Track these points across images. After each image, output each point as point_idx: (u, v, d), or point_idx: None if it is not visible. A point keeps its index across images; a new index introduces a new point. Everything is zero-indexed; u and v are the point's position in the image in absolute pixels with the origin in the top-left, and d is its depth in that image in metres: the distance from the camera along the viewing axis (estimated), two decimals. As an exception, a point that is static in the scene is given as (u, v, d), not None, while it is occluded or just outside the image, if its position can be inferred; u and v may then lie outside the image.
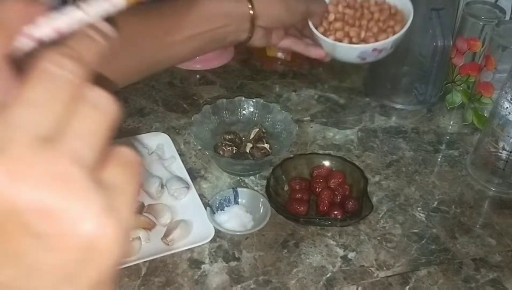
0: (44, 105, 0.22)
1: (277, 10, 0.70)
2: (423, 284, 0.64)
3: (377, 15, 0.74)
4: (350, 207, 0.71)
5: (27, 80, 0.22)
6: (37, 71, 0.22)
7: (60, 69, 0.22)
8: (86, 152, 0.22)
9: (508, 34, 0.79)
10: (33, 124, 0.21)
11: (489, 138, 0.76)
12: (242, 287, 0.63)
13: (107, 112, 0.23)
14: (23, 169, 0.21)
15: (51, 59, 0.22)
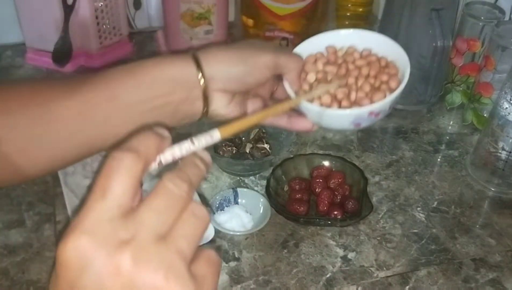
0: (163, 212, 0.31)
1: (233, 68, 0.53)
2: (423, 284, 0.64)
3: (365, 70, 0.56)
4: (350, 207, 0.71)
5: (153, 192, 0.31)
6: (160, 187, 0.32)
7: (177, 188, 0.32)
8: (187, 249, 0.31)
9: (508, 34, 0.79)
10: (154, 224, 0.30)
11: (489, 139, 0.76)
12: (242, 287, 0.63)
13: (203, 221, 0.33)
14: (144, 257, 0.29)
15: (171, 180, 0.32)
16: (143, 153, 0.32)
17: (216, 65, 0.53)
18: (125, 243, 0.29)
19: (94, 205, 0.30)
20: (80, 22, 0.94)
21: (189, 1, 0.93)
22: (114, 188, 0.30)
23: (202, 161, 0.35)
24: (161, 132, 0.35)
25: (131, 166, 0.31)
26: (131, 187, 0.31)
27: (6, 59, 1.00)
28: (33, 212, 0.70)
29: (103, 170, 0.31)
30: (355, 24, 1.12)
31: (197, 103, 0.54)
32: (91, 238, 0.29)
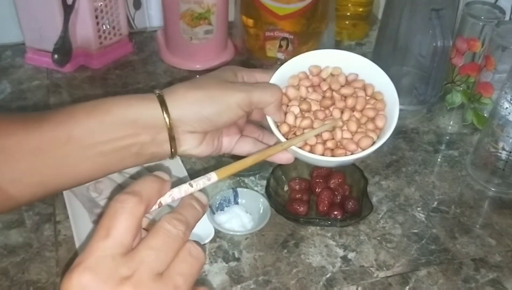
0: (161, 250, 0.34)
1: (202, 109, 0.49)
2: (423, 284, 0.64)
3: (351, 102, 0.53)
4: (350, 207, 0.71)
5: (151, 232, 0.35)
6: (159, 227, 0.35)
7: (174, 229, 0.35)
8: (183, 285, 0.34)
9: (508, 34, 0.79)
10: (153, 262, 0.33)
11: (489, 138, 0.76)
12: (242, 287, 0.63)
13: (199, 260, 0.36)
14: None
15: (169, 221, 0.35)
16: (145, 197, 0.35)
17: (184, 107, 0.49)
18: (126, 279, 0.32)
19: (98, 243, 0.33)
20: (80, 22, 0.94)
21: (189, 1, 0.92)
22: (117, 228, 0.33)
23: (198, 202, 0.38)
24: (162, 176, 0.38)
25: (133, 209, 0.34)
26: (133, 227, 0.34)
27: (6, 59, 1.00)
28: (33, 212, 0.70)
29: (107, 211, 0.34)
30: (355, 24, 1.12)
31: (164, 145, 0.50)
32: (94, 274, 0.32)
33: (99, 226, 0.34)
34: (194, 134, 0.51)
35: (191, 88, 0.50)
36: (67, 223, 0.68)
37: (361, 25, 1.13)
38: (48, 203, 0.71)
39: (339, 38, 1.11)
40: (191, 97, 0.50)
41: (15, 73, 0.97)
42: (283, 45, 0.99)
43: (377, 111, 0.54)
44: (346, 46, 1.10)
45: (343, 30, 1.12)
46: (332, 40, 1.05)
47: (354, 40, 1.12)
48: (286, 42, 0.98)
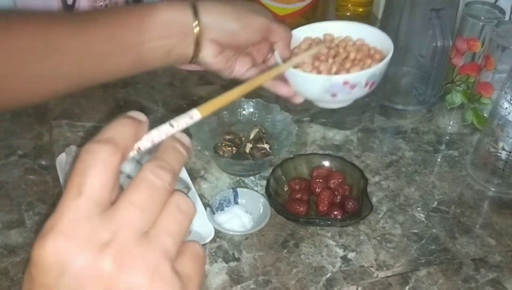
0: (145, 207, 0.28)
1: (227, 21, 0.59)
2: (423, 284, 0.64)
3: (353, 54, 0.64)
4: (350, 207, 0.71)
5: (132, 185, 0.29)
6: (141, 179, 0.29)
7: (159, 180, 0.29)
8: (171, 247, 0.29)
9: (508, 34, 0.79)
10: (136, 221, 0.28)
11: (489, 139, 0.76)
12: (242, 287, 0.63)
13: (188, 214, 0.30)
14: (126, 258, 0.27)
15: (152, 170, 0.29)
16: (120, 144, 0.30)
17: (212, 16, 0.58)
18: (106, 244, 0.27)
19: (70, 204, 0.28)
20: (80, 22, 0.94)
21: (189, 1, 0.92)
22: (91, 184, 0.28)
23: (182, 144, 0.33)
24: (138, 116, 0.33)
25: (107, 159, 0.29)
26: (108, 181, 0.29)
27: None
28: (33, 212, 0.70)
29: (77, 165, 0.29)
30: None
31: (190, 48, 0.58)
32: (69, 239, 0.27)
33: (69, 183, 0.28)
34: (215, 44, 0.59)
35: (222, 3, 0.60)
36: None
37: (361, 25, 1.13)
38: (48, 203, 0.71)
39: (339, 38, 1.11)
40: (220, 10, 0.59)
41: (15, 73, 0.97)
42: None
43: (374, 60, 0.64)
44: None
45: (343, 30, 1.11)
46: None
47: (354, 40, 1.12)
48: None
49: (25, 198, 0.72)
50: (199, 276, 0.30)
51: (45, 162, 0.78)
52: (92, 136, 0.31)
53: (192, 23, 0.57)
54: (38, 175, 0.76)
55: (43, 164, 0.78)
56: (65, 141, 0.81)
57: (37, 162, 0.78)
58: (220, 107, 0.39)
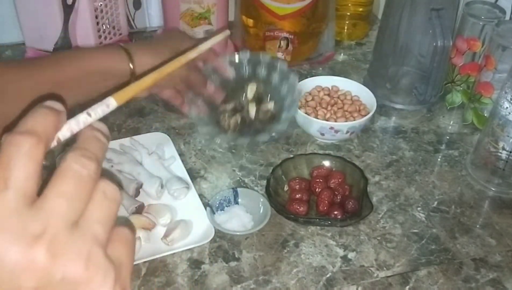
0: (73, 197, 0.29)
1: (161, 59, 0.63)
2: (423, 284, 0.64)
3: (346, 106, 0.86)
4: (350, 207, 0.71)
5: (58, 175, 0.29)
6: (65, 169, 0.29)
7: (84, 169, 0.29)
8: (102, 234, 0.29)
9: (508, 34, 0.79)
10: (65, 212, 0.28)
11: (489, 138, 0.76)
12: (242, 287, 0.63)
13: (115, 200, 0.31)
14: (59, 248, 0.27)
15: (77, 160, 0.30)
16: (42, 135, 0.30)
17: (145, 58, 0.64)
18: (38, 236, 0.27)
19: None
20: (80, 22, 0.94)
21: (189, 1, 0.92)
22: (17, 177, 0.28)
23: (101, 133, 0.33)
24: (55, 106, 0.32)
25: (31, 150, 0.29)
26: (34, 173, 0.29)
27: (6, 59, 1.00)
28: (33, 212, 0.70)
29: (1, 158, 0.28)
30: (355, 24, 1.12)
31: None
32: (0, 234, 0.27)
33: None
34: None
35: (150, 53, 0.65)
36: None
37: (361, 25, 1.13)
38: (48, 203, 0.71)
39: (339, 38, 1.11)
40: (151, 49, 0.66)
41: (15, 73, 0.97)
42: (283, 45, 0.99)
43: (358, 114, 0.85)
44: (346, 46, 1.10)
45: (343, 30, 1.12)
46: (332, 40, 1.05)
47: (354, 40, 1.12)
48: (286, 42, 0.98)
49: (25, 198, 0.72)
50: (130, 260, 0.31)
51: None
52: None
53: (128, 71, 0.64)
54: (38, 175, 0.75)
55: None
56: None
57: (37, 162, 0.78)
58: (135, 94, 0.38)
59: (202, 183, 0.76)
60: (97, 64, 0.63)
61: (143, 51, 0.65)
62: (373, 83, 0.94)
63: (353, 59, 1.06)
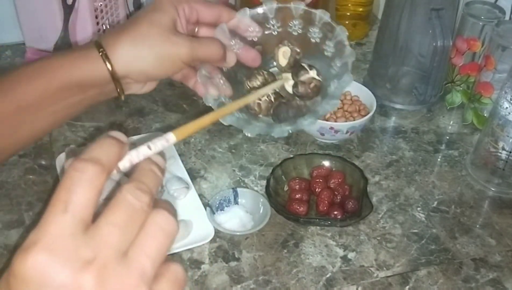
0: (125, 227, 0.29)
1: (145, 64, 0.51)
2: (423, 284, 0.64)
3: (346, 106, 0.85)
4: (350, 207, 0.71)
5: (112, 205, 0.30)
6: (119, 200, 0.30)
7: (138, 201, 0.30)
8: (150, 269, 0.29)
9: (508, 34, 0.79)
10: (116, 241, 0.29)
11: (489, 138, 0.76)
12: (242, 287, 0.63)
13: (170, 234, 0.31)
14: (106, 277, 0.28)
15: (132, 192, 0.30)
16: (106, 164, 0.31)
17: (128, 63, 0.51)
18: (88, 262, 0.28)
19: (55, 219, 0.29)
20: (80, 22, 0.94)
21: (189, 1, 0.92)
22: (76, 202, 0.29)
23: (158, 167, 0.34)
24: (120, 137, 0.33)
25: (94, 178, 0.30)
26: (93, 200, 0.30)
27: (6, 59, 1.00)
28: (33, 212, 0.70)
29: (64, 181, 0.30)
30: (355, 24, 1.12)
31: (111, 93, 0.53)
32: (52, 255, 0.28)
33: (55, 198, 0.29)
34: (138, 82, 0.55)
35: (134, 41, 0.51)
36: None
37: (361, 25, 1.13)
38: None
39: (339, 38, 1.11)
40: (135, 52, 0.51)
41: (15, 73, 0.97)
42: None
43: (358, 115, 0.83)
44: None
45: (343, 30, 1.11)
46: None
47: (354, 40, 1.12)
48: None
49: (25, 198, 0.72)
50: None
51: (45, 162, 0.78)
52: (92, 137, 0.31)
53: (108, 75, 0.51)
54: (38, 175, 0.76)
55: (43, 164, 0.78)
56: (65, 141, 0.81)
57: (37, 162, 0.78)
58: (194, 132, 0.39)
59: (202, 183, 0.76)
60: (67, 77, 0.51)
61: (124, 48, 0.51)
62: (373, 83, 0.94)
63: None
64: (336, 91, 0.51)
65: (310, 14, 0.55)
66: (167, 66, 0.52)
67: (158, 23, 0.51)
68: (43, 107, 0.51)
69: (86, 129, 0.84)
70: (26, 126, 0.52)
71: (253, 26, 0.55)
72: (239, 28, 0.56)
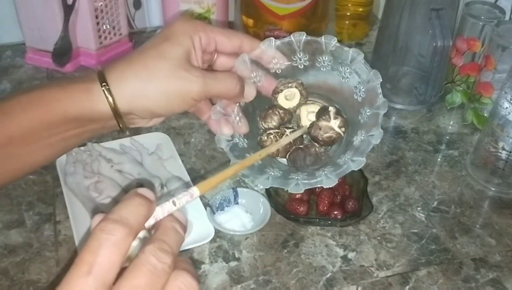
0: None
1: (153, 105, 0.47)
2: (423, 284, 0.64)
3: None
4: (350, 207, 0.71)
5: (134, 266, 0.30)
6: (143, 261, 0.30)
7: (160, 263, 0.30)
8: None
9: (508, 34, 0.79)
10: None
11: (489, 138, 0.76)
12: (242, 287, 0.63)
13: None
14: None
15: (153, 253, 0.30)
16: (134, 226, 0.31)
17: (132, 101, 0.46)
18: None
19: (78, 281, 0.28)
20: (80, 22, 0.94)
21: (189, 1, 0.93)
22: (101, 264, 0.29)
23: (180, 225, 0.34)
24: (148, 195, 0.33)
25: (121, 241, 0.30)
26: (117, 263, 0.30)
27: (6, 59, 1.00)
28: (33, 212, 0.70)
29: (90, 242, 0.29)
30: (355, 24, 1.12)
31: (114, 128, 0.49)
32: None
33: (80, 259, 0.29)
34: (143, 118, 0.50)
35: (139, 77, 0.46)
36: (67, 223, 0.68)
37: (361, 25, 1.13)
38: (48, 203, 0.71)
39: (339, 38, 1.10)
40: (140, 89, 0.46)
41: (15, 73, 0.97)
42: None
43: None
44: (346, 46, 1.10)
45: (343, 30, 1.12)
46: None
47: (354, 40, 1.12)
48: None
49: (25, 198, 0.72)
50: None
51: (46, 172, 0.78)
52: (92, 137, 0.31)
53: (110, 112, 0.46)
54: (38, 175, 0.76)
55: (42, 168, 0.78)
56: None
57: (37, 162, 0.78)
58: (217, 184, 0.39)
59: (202, 183, 0.76)
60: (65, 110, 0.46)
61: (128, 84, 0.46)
62: (373, 83, 0.94)
63: (353, 59, 1.06)
64: (363, 146, 0.46)
65: (342, 51, 0.50)
66: (176, 104, 0.47)
67: (169, 55, 0.46)
68: (38, 140, 0.47)
69: (86, 129, 0.84)
70: (18, 158, 0.48)
71: (278, 57, 0.51)
72: (262, 59, 0.51)
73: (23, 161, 0.49)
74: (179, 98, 0.47)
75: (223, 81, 0.48)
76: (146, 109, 0.47)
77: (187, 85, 0.46)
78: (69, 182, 0.71)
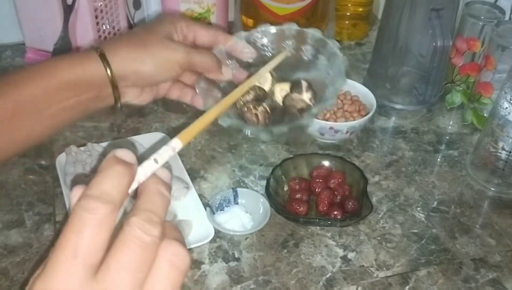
0: (136, 268, 0.28)
1: (142, 66, 0.53)
2: (423, 284, 0.64)
3: (346, 106, 0.84)
4: (350, 207, 0.71)
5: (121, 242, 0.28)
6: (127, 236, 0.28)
7: (148, 236, 0.28)
8: None
9: (508, 34, 0.79)
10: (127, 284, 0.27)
11: (489, 138, 0.76)
12: (242, 287, 0.63)
13: (182, 268, 0.29)
14: None
15: (141, 226, 0.28)
16: (117, 201, 0.28)
17: (126, 65, 0.53)
18: None
19: (64, 266, 0.27)
20: (80, 22, 0.94)
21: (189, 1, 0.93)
22: (87, 246, 0.27)
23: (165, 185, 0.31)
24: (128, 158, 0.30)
25: (105, 219, 0.28)
26: (104, 243, 0.28)
27: (6, 59, 1.00)
28: (33, 212, 0.70)
29: (73, 222, 0.27)
30: (355, 24, 1.12)
31: (108, 99, 0.55)
32: None
33: (64, 241, 0.27)
34: (134, 88, 0.56)
35: (132, 45, 0.54)
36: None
37: (361, 25, 1.13)
38: (48, 203, 0.71)
39: (339, 38, 1.11)
40: (133, 54, 0.53)
41: (15, 73, 0.97)
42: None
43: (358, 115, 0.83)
44: (346, 46, 1.10)
45: (343, 30, 1.12)
46: (332, 40, 1.05)
47: (354, 40, 1.12)
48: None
49: (25, 198, 0.72)
50: None
51: (45, 162, 0.78)
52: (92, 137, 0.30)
53: (105, 76, 0.52)
54: (38, 175, 0.76)
55: (43, 164, 0.78)
56: (64, 141, 0.81)
57: (37, 162, 0.78)
58: (199, 131, 0.37)
59: (202, 183, 0.76)
60: (66, 76, 0.52)
61: (122, 50, 0.53)
62: (373, 83, 0.94)
63: (353, 59, 1.06)
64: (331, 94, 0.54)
65: (303, 33, 0.58)
66: (165, 69, 0.54)
67: (157, 31, 0.55)
68: (40, 110, 0.51)
69: (86, 129, 0.84)
70: (23, 128, 0.52)
71: (248, 48, 0.59)
72: (235, 50, 0.58)
73: (27, 131, 0.53)
74: (167, 64, 0.54)
75: (203, 54, 0.55)
76: (138, 73, 0.53)
77: (173, 52, 0.54)
78: (69, 182, 0.71)
